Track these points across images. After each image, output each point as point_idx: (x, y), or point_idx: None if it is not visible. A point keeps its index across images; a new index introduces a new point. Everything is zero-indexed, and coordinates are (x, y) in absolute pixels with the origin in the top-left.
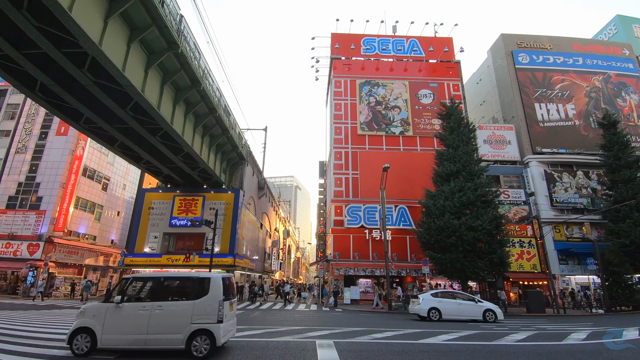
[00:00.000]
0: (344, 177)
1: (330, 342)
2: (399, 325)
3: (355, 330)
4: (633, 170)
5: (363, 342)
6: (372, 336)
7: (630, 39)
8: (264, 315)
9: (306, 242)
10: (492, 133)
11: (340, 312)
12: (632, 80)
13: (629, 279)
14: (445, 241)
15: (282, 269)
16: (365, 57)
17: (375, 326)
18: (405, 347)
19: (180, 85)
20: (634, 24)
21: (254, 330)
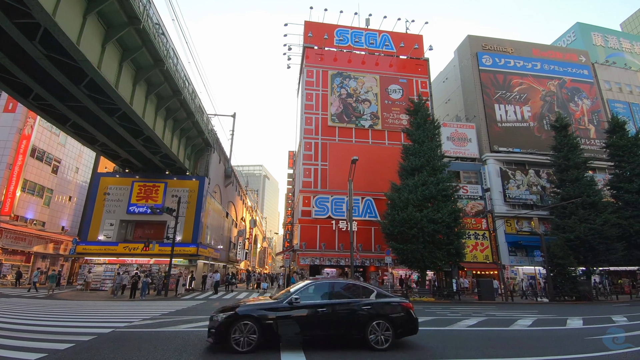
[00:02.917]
0: (313, 168)
1: None
2: None
3: None
4: (580, 171)
5: None
6: None
7: (588, 47)
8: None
9: (273, 232)
10: (455, 131)
11: None
12: (585, 86)
13: (573, 272)
14: (407, 232)
15: (248, 258)
16: (338, 48)
17: None
18: None
19: (142, 64)
20: (593, 32)
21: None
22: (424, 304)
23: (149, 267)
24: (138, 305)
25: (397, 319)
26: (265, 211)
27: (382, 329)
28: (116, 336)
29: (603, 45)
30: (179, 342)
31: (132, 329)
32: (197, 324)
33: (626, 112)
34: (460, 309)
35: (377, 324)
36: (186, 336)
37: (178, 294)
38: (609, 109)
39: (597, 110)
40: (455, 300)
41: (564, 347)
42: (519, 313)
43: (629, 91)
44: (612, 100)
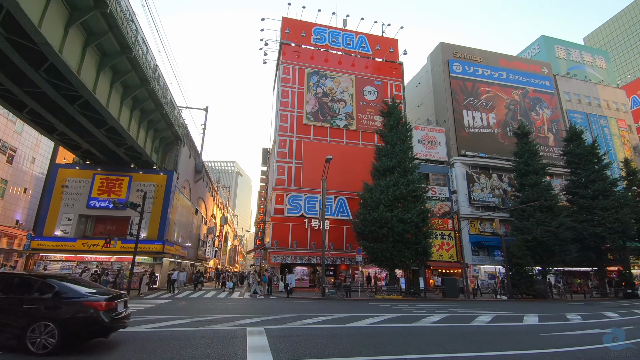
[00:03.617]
0: (287, 166)
1: (262, 329)
2: (331, 311)
3: (288, 316)
4: (539, 176)
5: (294, 327)
6: (303, 322)
7: (551, 59)
8: (193, 304)
9: (245, 229)
10: (426, 134)
11: (275, 299)
12: (546, 97)
13: (530, 271)
14: (378, 232)
15: (217, 256)
16: (315, 46)
17: (307, 312)
18: (334, 331)
19: (108, 50)
20: (557, 45)
21: (181, 319)
22: (392, 302)
23: (109, 265)
24: None
25: (71, 319)
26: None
27: (46, 332)
28: None
29: (565, 58)
30: (139, 344)
31: None
32: (160, 324)
33: (584, 122)
34: (425, 306)
35: (40, 326)
36: (147, 337)
37: (141, 294)
38: (567, 119)
39: (557, 119)
40: (421, 297)
41: (521, 342)
42: (480, 310)
43: (587, 102)
44: (571, 110)
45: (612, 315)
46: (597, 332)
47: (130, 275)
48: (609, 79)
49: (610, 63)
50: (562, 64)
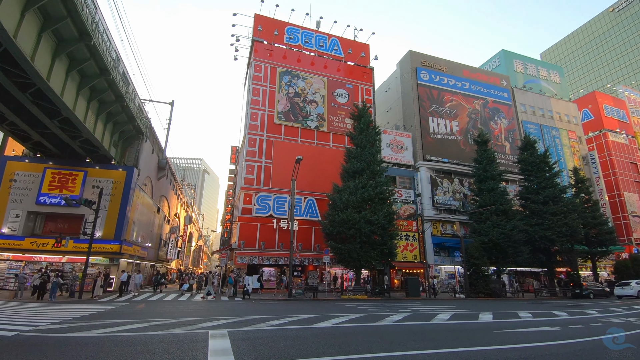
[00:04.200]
0: (257, 165)
1: (224, 332)
2: (297, 312)
3: (253, 318)
4: (495, 182)
5: (259, 329)
6: (268, 323)
7: (510, 72)
8: (152, 307)
9: (211, 229)
10: (394, 138)
11: (240, 301)
12: (504, 108)
13: (486, 271)
14: (346, 232)
15: (180, 257)
16: (288, 46)
17: (273, 313)
18: (299, 332)
19: (65, 36)
20: (515, 59)
21: (138, 323)
22: (358, 301)
23: (61, 265)
24: (47, 308)
25: None
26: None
27: None
28: (20, 341)
29: (523, 72)
30: (90, 350)
31: (38, 333)
32: (114, 328)
33: (537, 132)
34: (389, 305)
35: None
36: (99, 342)
37: (95, 296)
38: (522, 129)
39: (513, 129)
40: (385, 297)
41: (476, 339)
42: (440, 308)
43: (541, 114)
44: (526, 121)
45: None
46: (546, 330)
47: (83, 277)
48: (562, 92)
49: (563, 78)
50: (520, 77)
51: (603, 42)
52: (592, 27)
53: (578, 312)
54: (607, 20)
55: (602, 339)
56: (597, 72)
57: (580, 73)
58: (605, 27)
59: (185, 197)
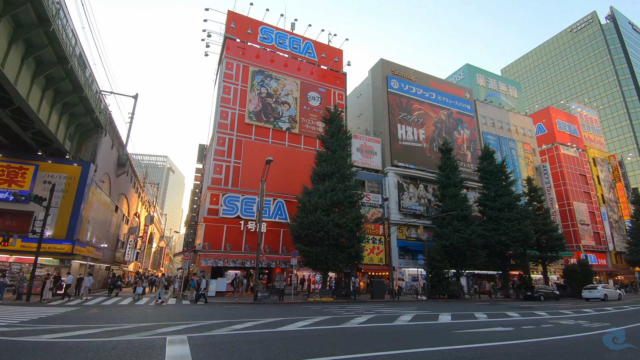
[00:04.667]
0: (225, 165)
1: (184, 337)
2: (262, 315)
3: (215, 323)
4: (457, 189)
5: (221, 334)
6: (231, 327)
7: (473, 85)
8: (106, 312)
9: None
10: (364, 143)
11: (203, 304)
12: (467, 119)
13: (446, 273)
14: (314, 235)
15: (140, 259)
16: (262, 45)
17: (237, 317)
18: (264, 336)
19: (23, 21)
20: (478, 74)
21: (90, 329)
22: (324, 304)
23: (8, 265)
24: None
25: None
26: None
27: None
28: None
29: (484, 86)
30: (39, 355)
31: None
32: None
33: (496, 143)
34: (355, 308)
35: None
36: (48, 347)
37: (44, 299)
38: (483, 140)
39: (474, 139)
40: (351, 299)
41: (435, 339)
42: (403, 310)
43: (499, 126)
44: (486, 132)
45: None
46: (499, 330)
47: (31, 278)
48: (519, 107)
49: (521, 93)
50: (482, 91)
51: (560, 60)
52: (550, 45)
53: (529, 314)
54: (565, 40)
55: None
56: (553, 88)
57: (537, 89)
58: (562, 46)
59: (147, 196)
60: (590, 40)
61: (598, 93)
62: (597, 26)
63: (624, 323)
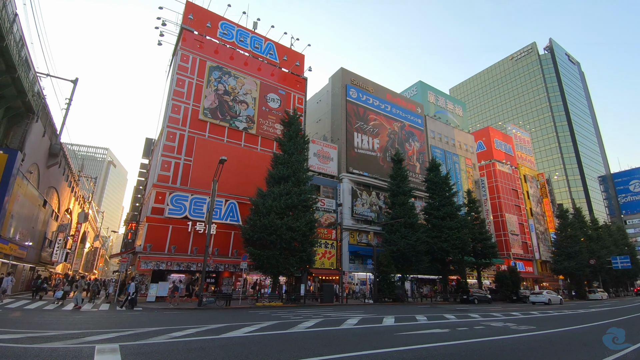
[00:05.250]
0: (175, 162)
1: (115, 346)
2: (206, 321)
3: (152, 330)
4: (406, 197)
5: (158, 342)
6: (170, 335)
7: (424, 101)
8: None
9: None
10: (321, 149)
11: (140, 310)
12: (418, 132)
13: (393, 278)
14: (267, 238)
15: (69, 260)
16: (221, 41)
17: (177, 324)
18: (205, 344)
19: None
20: (429, 91)
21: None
22: (273, 309)
23: None
24: None
25: None
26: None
27: None
28: None
29: (434, 103)
30: None
31: None
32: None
33: (442, 157)
34: (303, 312)
35: None
36: None
37: None
38: (430, 153)
39: (423, 152)
40: (301, 304)
41: (378, 342)
42: (350, 313)
43: (446, 141)
44: (434, 146)
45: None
46: (437, 332)
47: None
48: (464, 125)
49: (466, 112)
50: (432, 107)
51: (500, 85)
52: (493, 70)
53: (464, 316)
54: (506, 66)
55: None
56: (493, 110)
57: (479, 109)
58: (504, 72)
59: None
60: (528, 69)
61: (532, 117)
62: (535, 56)
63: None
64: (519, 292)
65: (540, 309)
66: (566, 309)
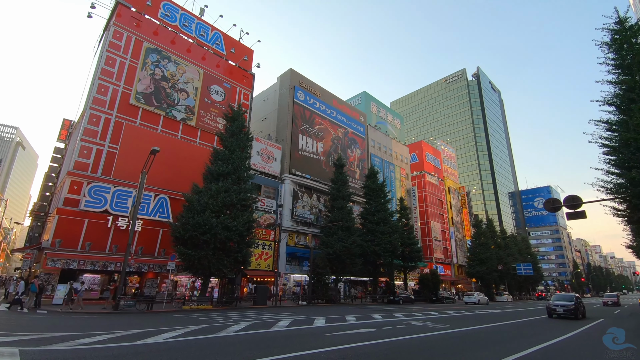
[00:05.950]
0: (97, 148)
1: (15, 351)
2: (122, 326)
3: (58, 335)
4: (345, 201)
5: (63, 349)
6: (77, 342)
7: (367, 111)
8: None
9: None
10: (265, 148)
11: (45, 314)
12: (360, 140)
13: (327, 279)
14: (199, 237)
15: None
16: (163, 23)
17: (88, 330)
18: (119, 351)
19: None
20: (372, 102)
21: None
22: (201, 312)
23: None
24: None
25: None
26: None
27: None
28: None
29: (376, 114)
30: None
31: None
32: None
33: (380, 165)
34: (234, 315)
35: None
36: None
37: None
38: (370, 160)
39: (363, 159)
40: (233, 306)
41: (308, 343)
42: (282, 315)
43: (384, 151)
44: (373, 154)
45: (377, 317)
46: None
47: None
48: (400, 137)
49: (403, 125)
50: (374, 118)
51: (434, 103)
52: (429, 89)
53: (389, 316)
54: (440, 87)
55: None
56: (426, 125)
57: (415, 124)
58: (437, 92)
59: None
60: (458, 92)
61: (458, 135)
62: (464, 81)
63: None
64: (438, 293)
65: (455, 309)
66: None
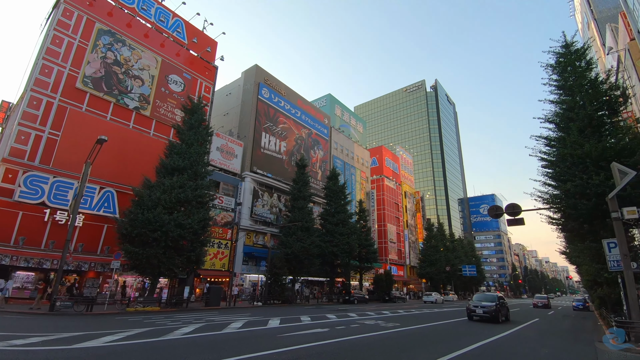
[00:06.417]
0: (36, 134)
1: None
2: (56, 329)
3: None
4: (306, 202)
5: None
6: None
7: (332, 114)
8: None
9: None
10: (226, 144)
11: None
12: (323, 141)
13: (284, 280)
14: (149, 235)
15: None
16: (118, 3)
17: (18, 331)
18: (54, 355)
19: None
20: (337, 105)
21: None
22: (147, 314)
23: None
24: None
25: None
26: None
27: None
28: None
29: (340, 117)
30: None
31: None
32: None
33: (341, 167)
34: (184, 317)
35: None
36: None
37: None
38: (332, 162)
39: (326, 160)
40: (183, 308)
41: (261, 344)
42: (235, 317)
43: (346, 154)
44: (335, 156)
45: (331, 317)
46: (318, 331)
47: None
48: (362, 141)
49: (365, 130)
50: (338, 120)
51: (395, 110)
52: (391, 97)
53: (344, 315)
54: (401, 96)
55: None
56: (387, 132)
57: (377, 129)
58: (398, 100)
59: None
60: (417, 102)
61: (415, 142)
62: (423, 92)
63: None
64: (390, 293)
65: (405, 308)
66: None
